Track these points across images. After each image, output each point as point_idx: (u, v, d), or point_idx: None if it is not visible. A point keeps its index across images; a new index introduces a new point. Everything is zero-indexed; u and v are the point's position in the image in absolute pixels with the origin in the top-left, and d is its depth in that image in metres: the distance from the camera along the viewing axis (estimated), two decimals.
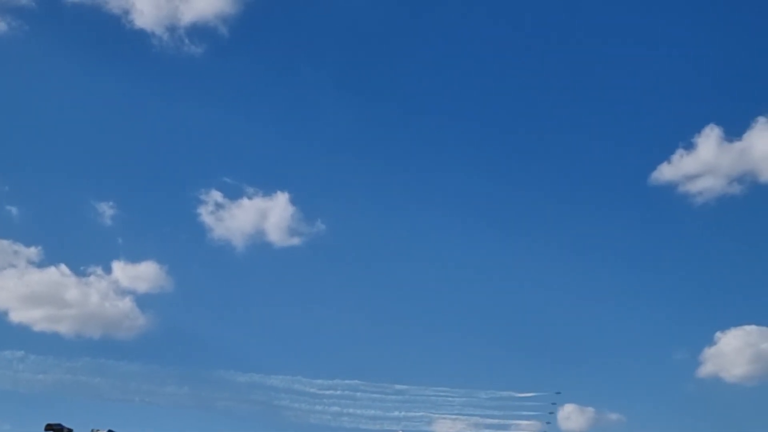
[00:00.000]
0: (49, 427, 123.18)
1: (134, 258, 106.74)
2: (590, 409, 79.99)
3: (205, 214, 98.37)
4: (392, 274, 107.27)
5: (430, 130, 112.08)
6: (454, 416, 75.98)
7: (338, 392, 74.43)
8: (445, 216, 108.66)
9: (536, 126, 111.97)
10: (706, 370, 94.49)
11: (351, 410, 73.63)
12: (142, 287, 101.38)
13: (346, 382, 75.27)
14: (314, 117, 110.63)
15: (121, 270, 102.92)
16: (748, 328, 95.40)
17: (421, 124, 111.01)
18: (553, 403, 70.16)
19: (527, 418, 77.14)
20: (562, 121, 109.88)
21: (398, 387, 75.72)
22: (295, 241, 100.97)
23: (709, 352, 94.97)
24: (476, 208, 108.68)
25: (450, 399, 75.60)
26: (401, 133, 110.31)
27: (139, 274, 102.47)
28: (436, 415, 76.64)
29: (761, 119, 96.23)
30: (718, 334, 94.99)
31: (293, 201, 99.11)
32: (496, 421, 75.97)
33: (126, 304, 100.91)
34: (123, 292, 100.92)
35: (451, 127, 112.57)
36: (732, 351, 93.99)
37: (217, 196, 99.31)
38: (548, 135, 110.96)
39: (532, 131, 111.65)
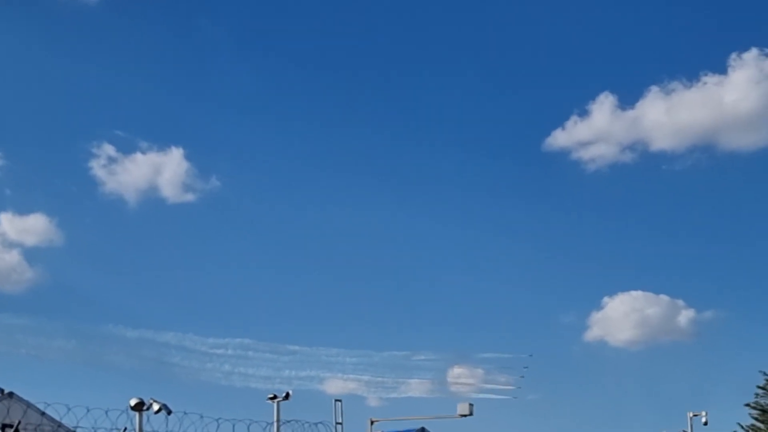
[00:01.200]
0: None
1: (23, 210, 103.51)
2: (479, 371, 79.64)
3: (97, 168, 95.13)
4: (286, 233, 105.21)
5: (328, 87, 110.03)
6: (346, 376, 74.64)
7: (230, 351, 72.65)
8: (340, 173, 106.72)
9: (426, 84, 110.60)
10: (592, 334, 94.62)
11: (242, 369, 71.97)
12: (30, 240, 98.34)
13: (238, 340, 73.53)
14: (211, 72, 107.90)
15: (8, 222, 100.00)
16: (634, 293, 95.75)
17: (318, 80, 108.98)
18: (525, 367, 69.29)
19: (421, 377, 76.11)
20: (453, 81, 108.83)
21: (291, 347, 74.16)
22: (189, 197, 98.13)
23: (596, 316, 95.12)
24: (373, 168, 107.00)
25: (343, 359, 74.33)
26: (298, 89, 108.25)
27: (28, 227, 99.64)
28: (328, 375, 75.26)
29: (654, 88, 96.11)
30: (605, 298, 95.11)
31: (188, 157, 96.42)
32: (388, 380, 74.83)
33: (13, 257, 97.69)
34: (10, 245, 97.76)
35: (348, 85, 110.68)
36: (618, 316, 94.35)
37: (109, 149, 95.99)
38: (438, 93, 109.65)
39: (422, 89, 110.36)
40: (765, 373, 53.17)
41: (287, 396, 40.38)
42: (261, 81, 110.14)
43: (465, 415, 41.98)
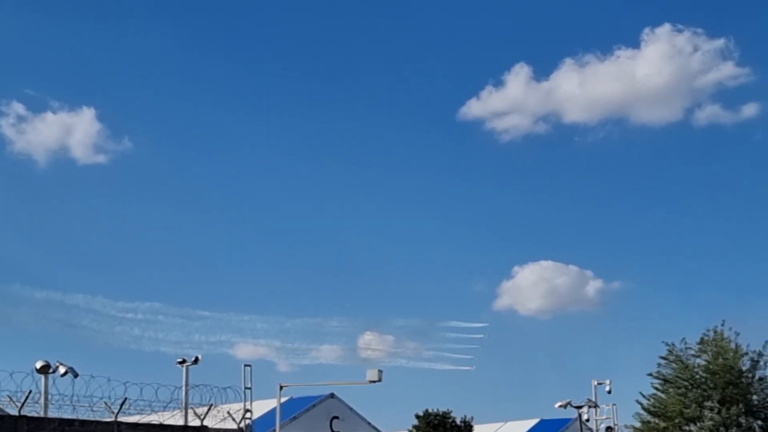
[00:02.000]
0: None
1: None
2: (390, 338, 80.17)
3: (6, 127, 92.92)
4: (199, 197, 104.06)
5: (244, 50, 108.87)
6: (257, 341, 74.60)
7: (140, 316, 71.90)
8: (255, 133, 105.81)
9: (342, 55, 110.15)
10: (502, 302, 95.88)
11: (152, 333, 71.35)
12: None
13: (148, 304, 72.82)
14: (126, 31, 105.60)
15: None
16: (544, 263, 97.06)
17: (235, 42, 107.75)
18: (482, 336, 69.66)
19: (332, 342, 76.39)
20: (370, 51, 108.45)
21: (202, 312, 73.76)
22: (101, 158, 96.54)
23: (506, 285, 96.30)
24: (286, 130, 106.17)
25: (254, 325, 74.23)
26: (213, 51, 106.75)
27: None
28: (239, 340, 75.16)
29: (568, 60, 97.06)
30: (516, 268, 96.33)
31: (100, 117, 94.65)
32: (300, 346, 74.95)
33: None
34: None
35: (265, 49, 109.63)
36: (528, 285, 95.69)
37: (18, 108, 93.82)
38: (353, 60, 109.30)
39: (339, 60, 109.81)
40: (667, 344, 54.31)
41: (196, 360, 40.29)
42: (176, 41, 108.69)
43: (374, 381, 42.22)
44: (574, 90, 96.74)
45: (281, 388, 43.08)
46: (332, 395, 56.48)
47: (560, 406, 49.90)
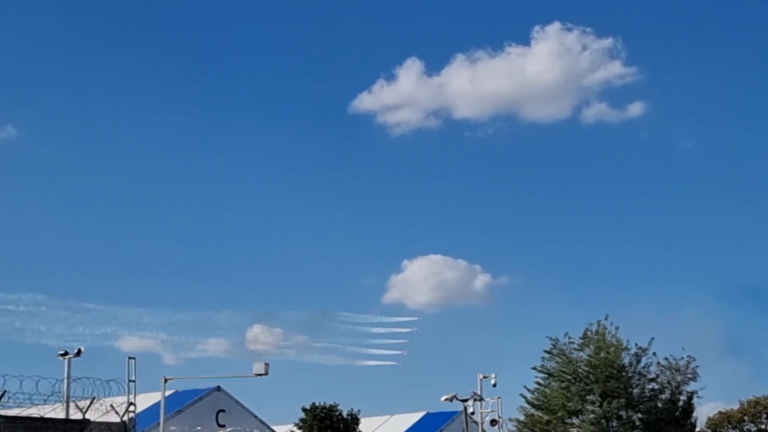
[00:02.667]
0: None
1: None
2: (278, 330, 79.96)
3: None
4: (86, 186, 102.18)
5: (135, 45, 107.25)
6: (143, 334, 73.58)
7: (21, 308, 70.25)
8: (144, 123, 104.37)
9: (233, 48, 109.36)
10: (391, 296, 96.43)
11: (34, 326, 69.78)
12: None
13: (30, 296, 71.18)
14: (6, 14, 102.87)
15: None
16: (434, 257, 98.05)
17: (126, 37, 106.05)
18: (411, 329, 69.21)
19: (220, 336, 75.95)
20: (262, 43, 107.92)
21: (87, 305, 72.42)
22: None
23: (395, 279, 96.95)
24: (177, 120, 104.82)
25: (141, 318, 73.21)
26: (96, 33, 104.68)
27: None
28: (125, 333, 74.01)
29: (460, 56, 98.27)
30: (405, 261, 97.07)
31: None
32: (186, 338, 74.21)
33: None
34: None
35: (160, 45, 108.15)
36: (417, 279, 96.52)
37: None
38: (244, 51, 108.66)
39: (230, 54, 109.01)
40: (551, 338, 55.29)
41: (79, 352, 39.46)
42: (59, 24, 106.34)
43: (261, 375, 41.91)
44: (465, 86, 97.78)
45: (166, 381, 42.43)
46: (218, 388, 55.99)
47: (446, 399, 50.21)
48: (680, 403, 54.89)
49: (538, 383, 55.44)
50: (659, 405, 54.22)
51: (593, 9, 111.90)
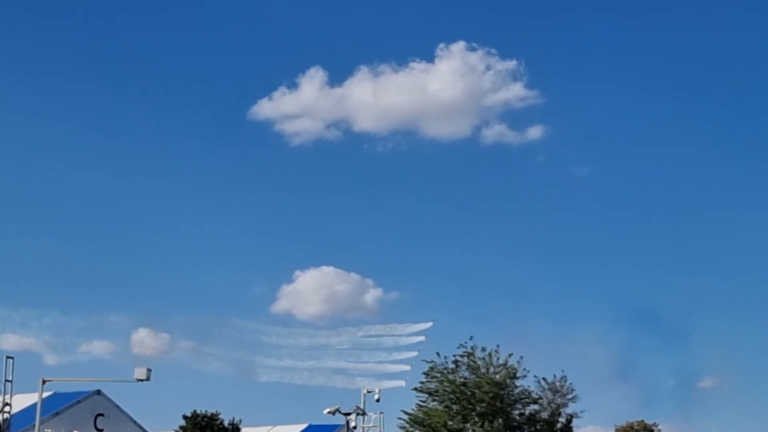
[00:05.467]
0: None
1: None
2: (165, 335, 79.09)
3: None
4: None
5: (34, 49, 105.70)
6: (24, 333, 72.06)
7: None
8: (42, 126, 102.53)
9: (135, 51, 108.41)
10: (281, 305, 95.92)
11: None
12: None
13: None
14: None
15: None
16: (326, 269, 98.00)
17: (30, 43, 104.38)
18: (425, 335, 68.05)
19: (104, 338, 74.82)
20: (165, 44, 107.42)
21: None
22: None
23: (286, 288, 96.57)
24: (77, 121, 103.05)
25: (24, 318, 71.58)
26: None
27: None
28: (5, 331, 72.35)
29: (363, 68, 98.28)
30: (297, 272, 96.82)
31: None
32: (69, 339, 72.86)
33: None
34: None
35: (50, 50, 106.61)
36: (308, 290, 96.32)
37: None
38: (145, 58, 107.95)
39: (133, 56, 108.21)
40: (427, 361, 55.97)
41: None
42: None
43: (142, 380, 41.49)
44: (367, 98, 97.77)
45: (44, 382, 41.71)
46: (98, 392, 55.21)
47: (329, 412, 50.28)
48: (558, 425, 55.86)
49: (419, 403, 55.94)
50: (537, 427, 55.08)
51: (499, 30, 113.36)
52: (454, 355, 55.20)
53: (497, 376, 54.32)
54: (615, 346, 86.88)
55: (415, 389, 55.78)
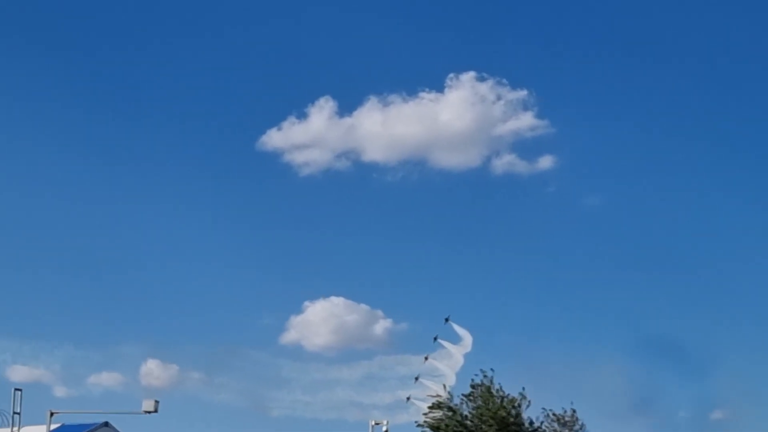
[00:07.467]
0: None
1: None
2: (174, 366, 79.53)
3: None
4: None
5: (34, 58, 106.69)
6: (34, 365, 72.60)
7: None
8: (37, 153, 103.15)
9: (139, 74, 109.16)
10: (289, 336, 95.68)
11: None
12: None
13: None
14: None
15: None
16: (335, 300, 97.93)
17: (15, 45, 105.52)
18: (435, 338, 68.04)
19: (114, 370, 75.29)
20: (176, 71, 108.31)
21: None
22: None
23: (296, 320, 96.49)
24: (77, 148, 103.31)
25: (35, 349, 72.17)
26: None
27: None
28: (15, 363, 72.89)
29: (372, 98, 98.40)
30: (306, 303, 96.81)
31: None
32: (79, 371, 73.38)
33: None
34: None
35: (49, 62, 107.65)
36: (317, 320, 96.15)
37: None
38: (159, 77, 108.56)
39: (136, 81, 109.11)
40: (432, 396, 56.04)
41: None
42: None
43: (150, 412, 41.85)
44: (377, 128, 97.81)
45: (52, 414, 42.10)
46: (106, 424, 55.45)
47: None
48: None
49: None
50: None
51: (509, 60, 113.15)
52: (462, 394, 55.33)
53: (501, 411, 54.24)
54: (630, 378, 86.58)
55: (419, 425, 55.76)
